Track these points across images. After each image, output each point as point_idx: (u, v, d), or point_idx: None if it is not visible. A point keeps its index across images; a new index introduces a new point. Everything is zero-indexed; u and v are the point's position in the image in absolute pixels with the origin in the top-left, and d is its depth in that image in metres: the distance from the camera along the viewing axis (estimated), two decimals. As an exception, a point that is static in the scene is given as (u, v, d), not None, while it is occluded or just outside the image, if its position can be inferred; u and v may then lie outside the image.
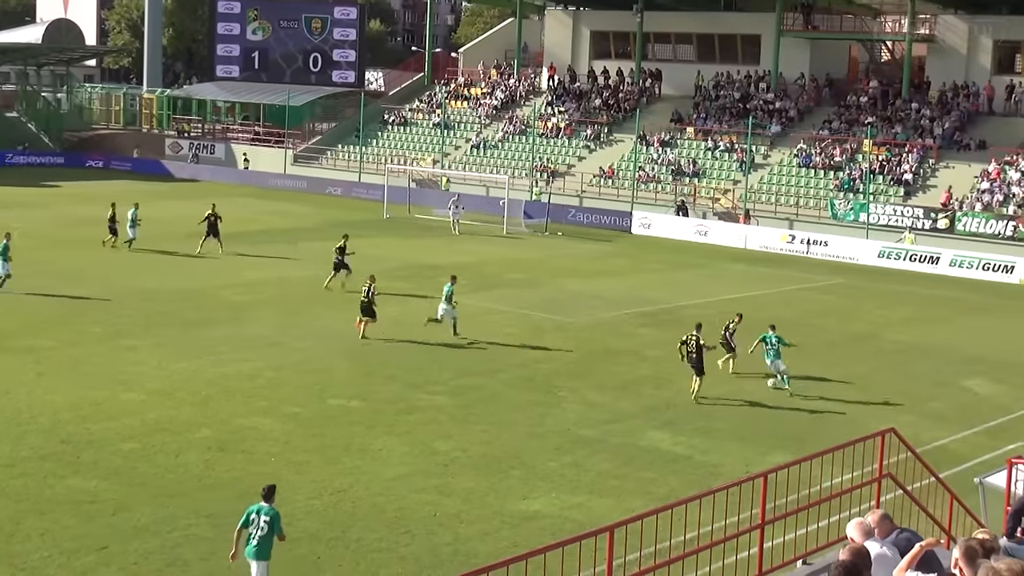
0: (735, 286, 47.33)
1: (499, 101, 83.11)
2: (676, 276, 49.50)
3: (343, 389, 28.74)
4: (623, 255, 54.91)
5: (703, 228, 62.12)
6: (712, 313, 40.03)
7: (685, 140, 72.42)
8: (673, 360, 33.25)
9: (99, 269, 44.51)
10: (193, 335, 33.97)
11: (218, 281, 42.98)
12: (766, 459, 24.16)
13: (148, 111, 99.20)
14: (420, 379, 30.03)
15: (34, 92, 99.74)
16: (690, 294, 44.46)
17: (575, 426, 26.59)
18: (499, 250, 53.76)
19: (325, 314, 37.72)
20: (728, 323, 33.12)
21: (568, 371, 31.84)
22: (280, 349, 32.64)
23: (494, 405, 27.99)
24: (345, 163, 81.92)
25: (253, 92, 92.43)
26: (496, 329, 36.72)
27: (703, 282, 48.19)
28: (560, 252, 54.63)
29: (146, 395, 27.43)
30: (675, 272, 50.72)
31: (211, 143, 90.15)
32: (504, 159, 76.57)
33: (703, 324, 30.70)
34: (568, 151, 75.47)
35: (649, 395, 29.67)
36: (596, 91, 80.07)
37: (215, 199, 58.45)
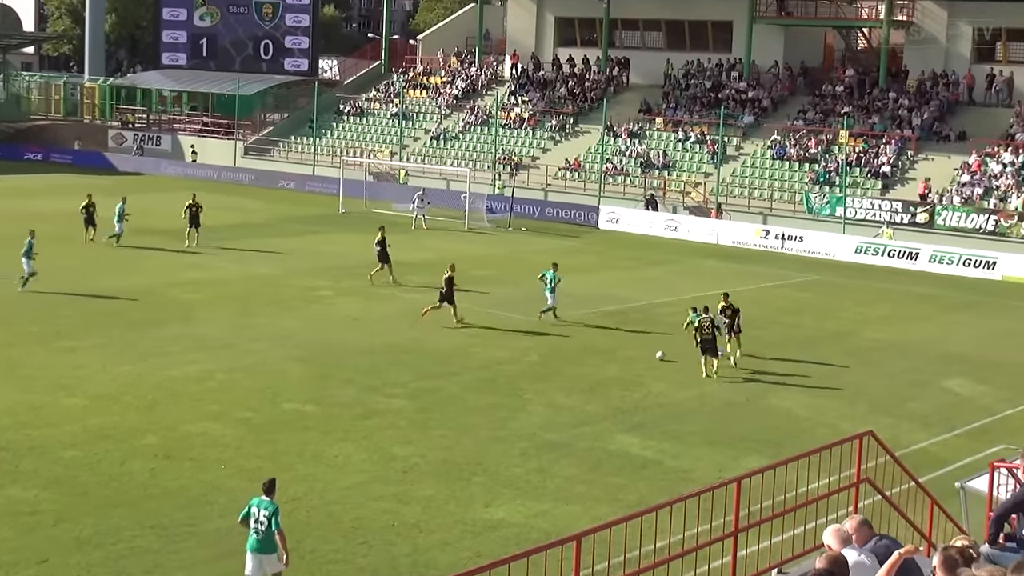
0: (707, 283, 47.43)
1: (460, 90, 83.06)
2: (646, 273, 49.61)
3: (297, 393, 28.67)
4: (590, 251, 54.98)
5: (673, 223, 62.28)
6: (683, 311, 40.15)
7: (654, 131, 72.58)
8: (643, 361, 33.43)
9: (39, 266, 44.14)
10: (138, 336, 33.78)
11: (166, 279, 42.76)
12: (739, 463, 24.29)
13: (90, 101, 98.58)
14: (378, 382, 29.98)
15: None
16: (661, 292, 44.55)
17: (540, 430, 26.61)
18: (461, 246, 53.74)
19: (280, 315, 37.60)
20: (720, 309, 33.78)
21: (533, 373, 31.86)
22: (232, 351, 32.51)
23: (455, 408, 27.98)
24: (298, 155, 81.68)
25: (201, 81, 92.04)
26: (460, 329, 36.68)
27: (674, 279, 48.30)
28: (525, 248, 54.65)
29: (88, 400, 27.27)
30: (645, 269, 50.83)
31: (157, 135, 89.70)
32: (465, 151, 76.52)
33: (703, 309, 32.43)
34: (532, 143, 75.50)
35: (618, 397, 29.72)
36: (561, 80, 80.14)
37: (161, 193, 58.20)
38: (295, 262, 47.33)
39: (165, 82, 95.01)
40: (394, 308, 39.49)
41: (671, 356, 33.62)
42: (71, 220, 56.04)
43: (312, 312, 38.32)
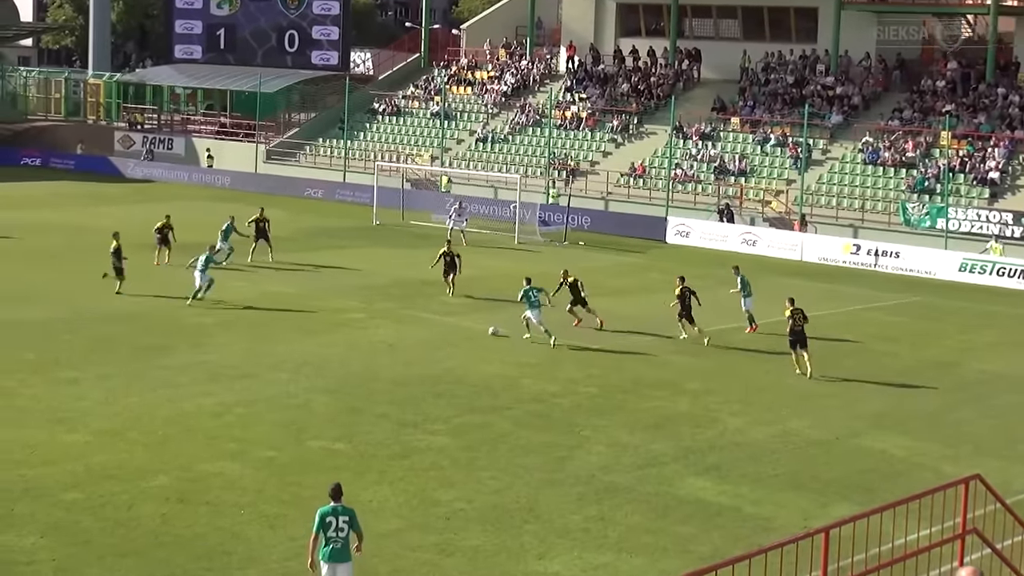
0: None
1: (509, 87, 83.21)
2: (719, 294, 49.35)
3: (325, 429, 28.71)
4: (656, 268, 54.83)
5: (751, 236, 62.08)
6: (763, 338, 39.98)
7: (729, 132, 72.42)
8: (717, 393, 33.34)
9: (35, 285, 44.55)
10: (146, 364, 33.96)
11: (175, 299, 42.97)
12: (827, 511, 24.09)
13: (94, 99, 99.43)
14: (417, 416, 29.99)
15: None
16: (736, 315, 44.33)
17: (600, 472, 26.54)
18: (509, 263, 53.74)
19: (305, 340, 37.72)
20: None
21: (591, 407, 31.79)
22: (251, 381, 32.62)
23: (504, 447, 27.94)
24: (327, 160, 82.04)
25: (218, 77, 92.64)
26: (506, 357, 36.68)
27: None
28: (582, 265, 54.52)
29: (91, 436, 27.41)
30: (718, 289, 50.57)
31: (169, 137, 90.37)
32: (515, 155, 76.63)
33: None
34: (591, 146, 75.51)
35: (688, 435, 29.61)
36: (623, 75, 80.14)
37: (173, 202, 58.62)
38: (322, 280, 47.47)
39: (178, 78, 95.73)
40: (433, 333, 39.51)
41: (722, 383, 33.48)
42: (71, 233, 56.59)
43: (341, 337, 38.41)
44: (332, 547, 18.27)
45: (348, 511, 18.49)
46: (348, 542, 18.40)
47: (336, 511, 18.39)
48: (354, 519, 18.48)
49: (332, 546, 18.27)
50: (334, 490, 18.62)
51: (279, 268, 49.38)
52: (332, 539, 18.26)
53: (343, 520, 18.33)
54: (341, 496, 18.58)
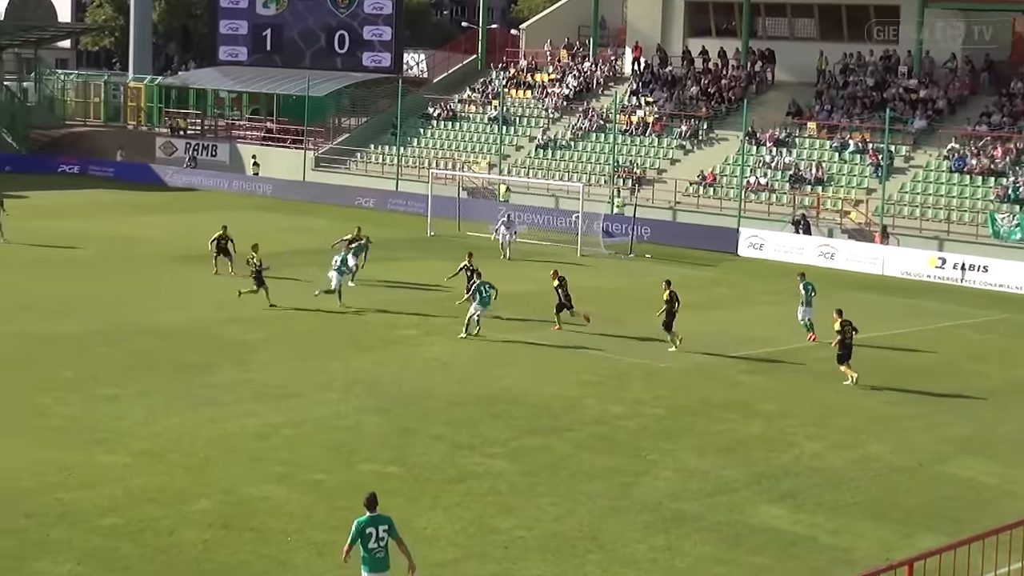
0: (870, 322, 46.74)
1: (571, 90, 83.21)
2: (795, 309, 49.18)
3: (377, 451, 28.75)
4: (727, 283, 54.62)
5: (829, 249, 61.77)
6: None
7: (805, 138, 72.13)
8: (793, 416, 33.18)
9: (72, 297, 44.89)
10: (188, 382, 34.12)
11: (219, 314, 43.20)
12: (910, 542, 23.97)
13: (135, 104, 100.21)
14: (473, 439, 29.99)
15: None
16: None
17: (668, 499, 26.45)
18: (571, 277, 53.63)
19: (355, 357, 37.81)
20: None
21: (658, 429, 31.70)
22: (298, 401, 32.72)
23: (566, 472, 27.88)
24: (379, 167, 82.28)
25: (264, 80, 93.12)
26: (568, 376, 36.65)
27: (829, 317, 47.81)
28: (648, 279, 54.42)
29: (130, 457, 27.55)
30: (793, 304, 50.36)
31: (212, 143, 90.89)
32: (578, 162, 76.60)
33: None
34: (658, 152, 75.39)
35: (761, 460, 29.47)
36: (692, 77, 79.99)
37: (217, 211, 58.94)
38: (373, 295, 47.55)
39: (222, 81, 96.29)
40: (490, 350, 39.51)
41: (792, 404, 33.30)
42: (110, 244, 57.04)
43: (393, 354, 38.48)
44: (375, 557, 18.77)
45: (386, 519, 19.00)
46: (388, 551, 18.92)
47: (375, 521, 18.89)
48: (392, 527, 19.01)
49: (375, 555, 18.78)
50: (369, 499, 19.08)
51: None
52: (374, 550, 18.79)
53: (383, 529, 18.86)
54: (377, 505, 19.03)
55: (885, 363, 40.09)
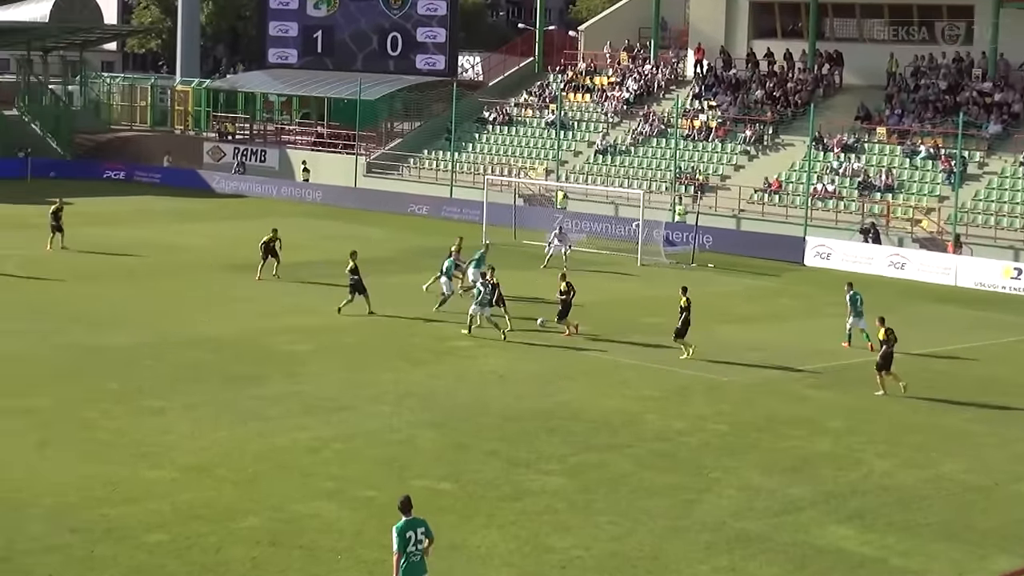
0: (942, 335, 46.74)
1: (631, 93, 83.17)
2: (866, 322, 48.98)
3: (430, 467, 28.78)
4: (793, 293, 54.44)
5: (899, 259, 61.48)
6: (914, 370, 39.52)
7: (875, 144, 71.83)
8: (861, 433, 33.05)
9: (118, 308, 45.17)
10: (236, 394, 34.27)
11: (268, 324, 43.37)
12: (985, 565, 23.87)
13: (182, 108, 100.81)
14: (530, 455, 29.99)
15: (39, 84, 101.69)
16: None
17: (731, 518, 26.37)
18: (631, 287, 53.67)
19: (408, 370, 37.89)
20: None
21: (722, 445, 31.62)
22: (349, 414, 32.81)
23: (625, 489, 27.85)
24: (432, 174, 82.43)
25: (315, 83, 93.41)
26: (627, 390, 36.61)
27: (900, 330, 47.55)
28: (711, 289, 54.34)
29: (177, 472, 27.69)
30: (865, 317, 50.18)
31: (261, 148, 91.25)
32: (638, 168, 76.52)
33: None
34: (721, 158, 75.24)
35: (829, 478, 29.34)
36: (757, 80, 79.81)
37: (267, 218, 59.14)
38: (426, 305, 47.62)
39: (272, 84, 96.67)
40: (547, 363, 39.54)
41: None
42: (156, 252, 57.39)
43: (447, 367, 38.55)
44: (411, 561, 19.32)
45: (422, 522, 19.63)
46: (423, 555, 19.50)
47: (412, 524, 19.48)
48: (428, 528, 19.65)
49: (413, 559, 19.34)
50: (404, 503, 19.69)
51: (379, 291, 49.55)
52: (411, 553, 19.34)
53: (421, 532, 19.46)
54: (411, 508, 19.64)
55: (957, 378, 39.89)
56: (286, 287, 49.63)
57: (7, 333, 40.80)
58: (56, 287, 49.23)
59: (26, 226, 63.44)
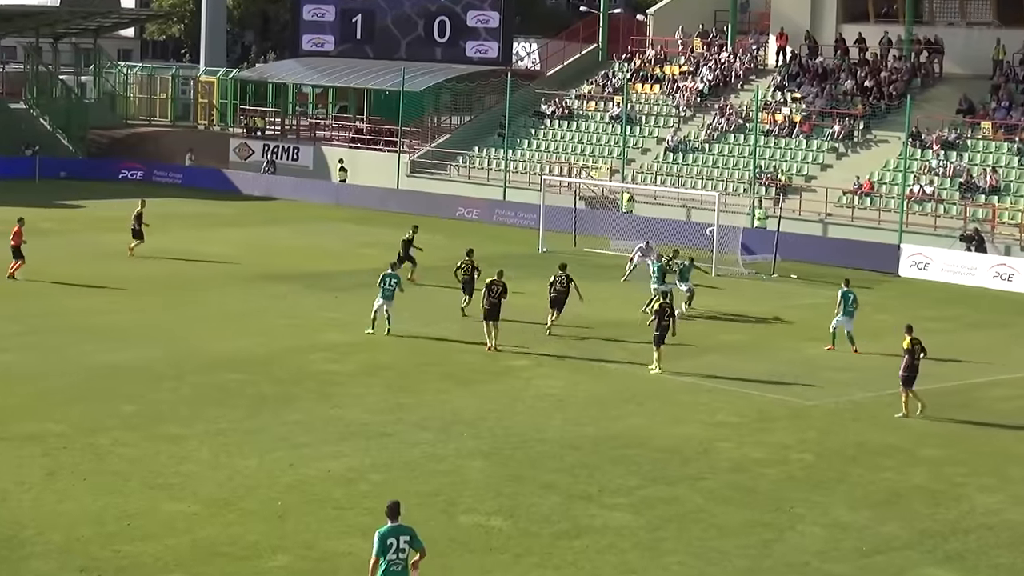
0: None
1: (706, 84, 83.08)
2: (966, 339, 48.75)
3: (480, 500, 28.76)
4: (887, 308, 54.19)
5: (1006, 269, 61.12)
6: (1021, 393, 39.27)
7: (979, 140, 71.49)
8: (964, 463, 32.81)
9: (135, 322, 45.36)
10: (264, 419, 34.33)
11: (299, 341, 43.46)
12: (1102, 613, 23.60)
13: (206, 100, 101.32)
14: (591, 487, 29.94)
15: (49, 74, 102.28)
16: (988, 366, 43.64)
17: (816, 558, 26.29)
18: (705, 300, 53.46)
19: (455, 392, 37.88)
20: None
21: (806, 478, 31.50)
22: (389, 441, 32.83)
23: (698, 527, 27.78)
24: (483, 174, 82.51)
25: (354, 73, 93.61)
26: (702, 415, 36.54)
27: (1009, 348, 47.33)
28: (795, 303, 54.16)
29: (198, 505, 27.75)
30: (965, 333, 49.97)
31: (294, 145, 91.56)
32: (714, 168, 76.41)
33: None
34: (806, 156, 75.04)
35: (926, 515, 29.20)
36: (847, 69, 79.57)
37: (299, 224, 59.30)
38: (476, 320, 47.63)
39: (305, 75, 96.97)
40: (612, 385, 39.47)
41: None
42: (178, 261, 57.57)
43: (499, 389, 38.53)
44: (394, 569, 20.43)
45: (409, 530, 20.71)
46: (408, 564, 20.60)
47: (396, 531, 20.57)
48: (415, 537, 20.70)
49: (394, 568, 20.44)
50: (392, 508, 20.86)
51: (424, 304, 49.66)
52: (393, 561, 20.46)
53: (404, 540, 20.53)
54: (399, 515, 20.77)
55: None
56: (321, 300, 49.69)
57: (12, 349, 41.07)
58: (67, 298, 49.45)
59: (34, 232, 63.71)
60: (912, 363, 37.11)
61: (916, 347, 37.25)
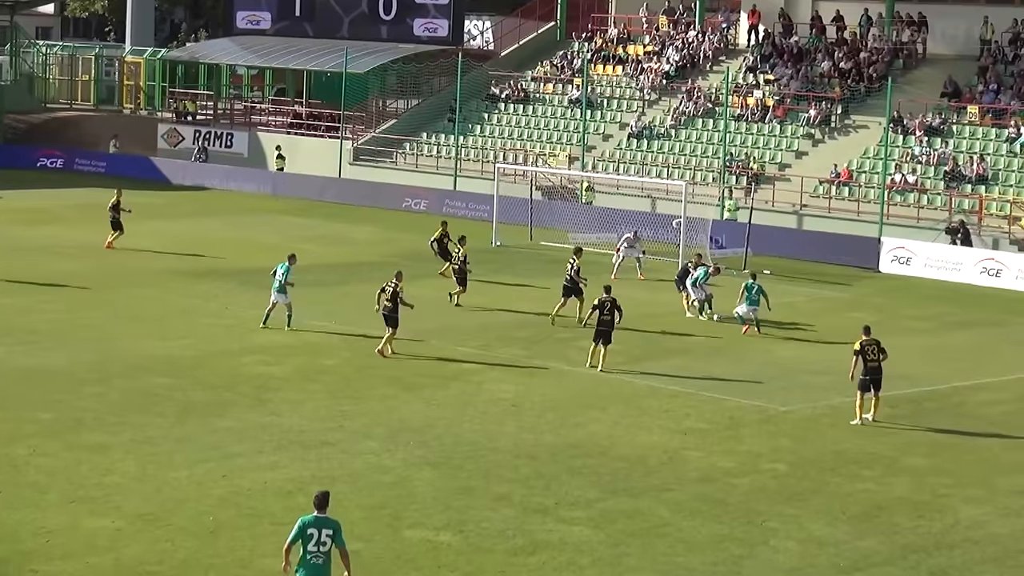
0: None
1: (672, 65, 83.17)
2: (951, 340, 48.96)
3: (428, 514, 28.73)
4: (867, 306, 54.33)
5: (993, 264, 61.37)
6: (1012, 398, 39.44)
7: (965, 126, 71.76)
8: (948, 474, 32.93)
9: (55, 323, 45.16)
10: (195, 427, 34.22)
11: (234, 342, 43.39)
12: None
13: (132, 83, 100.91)
14: (547, 499, 29.94)
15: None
16: (974, 369, 43.83)
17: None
18: (671, 296, 53.56)
19: (401, 397, 37.84)
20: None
21: (779, 489, 31.59)
22: (330, 451, 32.77)
23: (663, 542, 27.80)
24: (432, 162, 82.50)
25: (292, 53, 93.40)
26: (667, 421, 36.60)
27: (996, 349, 47.52)
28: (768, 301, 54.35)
29: (123, 521, 27.61)
30: (949, 334, 50.19)
31: (227, 131, 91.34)
32: (680, 155, 76.52)
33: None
34: (780, 143, 75.23)
35: (908, 528, 29.30)
36: (824, 49, 79.76)
37: (233, 216, 59.16)
38: (424, 320, 47.62)
39: (240, 55, 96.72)
40: (571, 389, 39.47)
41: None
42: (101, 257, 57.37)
43: (450, 394, 38.50)
44: (313, 562, 21.07)
45: (333, 524, 21.25)
46: (330, 558, 21.21)
47: (319, 523, 21.17)
48: (338, 533, 21.24)
49: (313, 561, 21.07)
50: (320, 498, 21.40)
51: (367, 304, 49.60)
52: (313, 553, 21.05)
53: (326, 533, 21.09)
54: (327, 507, 21.34)
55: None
56: (256, 298, 49.47)
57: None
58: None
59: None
60: (870, 365, 37.18)
61: (870, 349, 37.33)
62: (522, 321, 47.43)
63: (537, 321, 47.20)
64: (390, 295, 42.43)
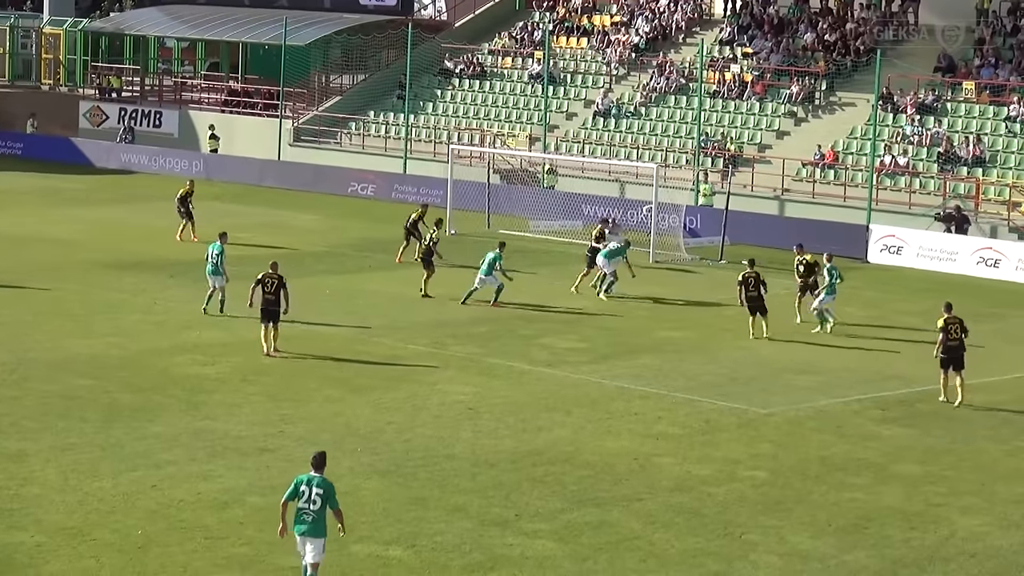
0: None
1: (642, 37, 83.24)
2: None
3: (377, 527, 28.75)
4: (855, 300, 54.48)
5: (991, 253, 61.56)
6: (1013, 399, 39.63)
7: (960, 103, 71.97)
8: (943, 481, 33.05)
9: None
10: (122, 432, 34.14)
11: (163, 340, 43.30)
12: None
13: (51, 56, 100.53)
14: (507, 511, 29.99)
15: None
16: (970, 368, 43.95)
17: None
18: (642, 289, 53.66)
19: (347, 399, 37.84)
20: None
21: (759, 498, 31.67)
22: (269, 458, 32.74)
23: (632, 557, 27.86)
24: (381, 143, 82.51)
25: (227, 24, 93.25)
26: (637, 425, 36.65)
27: (994, 346, 47.71)
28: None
29: (43, 535, 27.56)
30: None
31: (156, 109, 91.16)
32: (651, 135, 76.62)
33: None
34: (760, 122, 75.36)
35: (899, 541, 29.40)
36: (807, 20, 79.92)
37: (161, 201, 59.02)
38: (371, 315, 47.63)
39: (169, 25, 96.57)
40: (533, 391, 39.51)
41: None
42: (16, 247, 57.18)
43: (399, 397, 38.50)
44: (303, 518, 23.41)
45: (326, 484, 23.39)
46: (322, 517, 23.43)
47: (311, 481, 23.38)
48: (331, 494, 23.42)
49: (304, 517, 23.40)
50: (317, 458, 23.68)
51: (309, 297, 49.52)
52: (303, 510, 23.37)
53: (317, 492, 23.27)
54: (324, 467, 23.56)
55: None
56: (188, 293, 49.42)
57: None
58: None
59: None
60: (949, 343, 38.84)
61: (953, 326, 38.94)
62: (478, 317, 47.45)
63: (495, 317, 47.23)
64: (272, 288, 42.19)
